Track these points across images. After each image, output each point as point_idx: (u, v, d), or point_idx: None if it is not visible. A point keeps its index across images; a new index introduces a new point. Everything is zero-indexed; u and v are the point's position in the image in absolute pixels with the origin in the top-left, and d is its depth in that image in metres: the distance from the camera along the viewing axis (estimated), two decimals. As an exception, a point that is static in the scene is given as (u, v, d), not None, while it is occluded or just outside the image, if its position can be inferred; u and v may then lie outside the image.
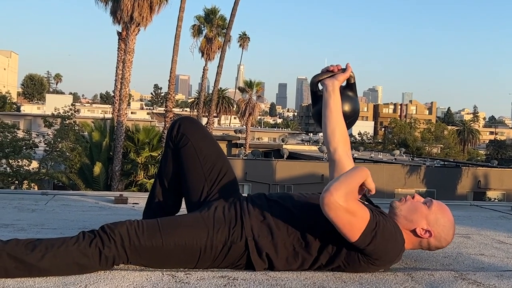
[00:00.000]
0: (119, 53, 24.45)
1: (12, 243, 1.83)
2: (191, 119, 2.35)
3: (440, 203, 2.18)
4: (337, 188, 1.89)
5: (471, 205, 4.90)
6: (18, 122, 35.03)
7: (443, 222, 2.12)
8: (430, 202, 2.15)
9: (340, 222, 1.89)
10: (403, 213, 2.11)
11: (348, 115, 2.45)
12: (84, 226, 2.92)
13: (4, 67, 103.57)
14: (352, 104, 2.47)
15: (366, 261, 1.99)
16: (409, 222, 2.10)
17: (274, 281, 1.88)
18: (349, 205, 1.88)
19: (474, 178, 27.25)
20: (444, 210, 2.15)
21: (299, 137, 60.67)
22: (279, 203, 2.10)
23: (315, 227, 2.03)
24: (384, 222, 2.00)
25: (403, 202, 2.15)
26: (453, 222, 2.17)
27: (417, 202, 2.15)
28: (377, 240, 1.94)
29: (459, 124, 68.71)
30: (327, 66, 2.44)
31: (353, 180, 1.95)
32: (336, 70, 2.42)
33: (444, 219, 2.13)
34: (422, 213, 2.11)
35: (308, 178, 24.48)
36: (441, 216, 2.12)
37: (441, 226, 2.11)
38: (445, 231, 2.12)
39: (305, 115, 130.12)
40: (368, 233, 1.92)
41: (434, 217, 2.11)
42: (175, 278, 1.86)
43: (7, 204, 3.66)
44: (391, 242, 2.00)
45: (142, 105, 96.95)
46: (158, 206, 2.35)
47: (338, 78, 2.40)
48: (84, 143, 21.65)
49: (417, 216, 2.10)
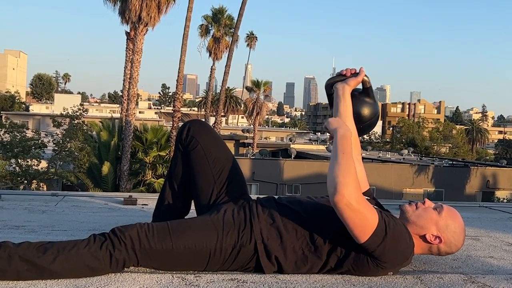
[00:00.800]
0: (127, 53, 24.50)
1: (24, 246, 1.85)
2: (200, 122, 2.36)
3: (451, 208, 2.18)
4: (345, 183, 1.88)
5: (480, 206, 4.88)
6: (27, 121, 35.20)
7: (453, 228, 2.12)
8: (441, 208, 2.14)
9: (351, 223, 1.90)
10: (413, 218, 2.11)
11: (362, 119, 2.42)
12: (94, 227, 2.93)
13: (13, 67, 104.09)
14: (368, 108, 2.41)
15: (375, 264, 1.99)
16: (419, 228, 2.10)
17: (283, 284, 1.89)
18: (359, 201, 1.89)
19: (483, 178, 27.14)
20: (455, 216, 2.15)
21: (306, 136, 60.62)
22: (288, 206, 2.11)
23: (324, 231, 2.03)
24: (394, 225, 2.00)
25: (413, 208, 2.15)
26: (463, 228, 2.16)
27: (427, 208, 2.15)
28: (386, 243, 1.94)
29: (468, 124, 68.47)
30: (342, 69, 2.43)
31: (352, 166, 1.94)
32: (348, 74, 2.39)
33: (455, 224, 2.13)
34: (432, 219, 2.11)
35: (315, 177, 24.45)
36: (452, 222, 2.12)
37: (451, 232, 2.11)
38: (455, 237, 2.12)
39: (312, 114, 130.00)
40: (377, 234, 1.93)
41: (444, 223, 2.11)
42: (185, 281, 1.88)
43: (17, 205, 3.69)
44: (401, 245, 2.00)
45: (150, 104, 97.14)
46: (167, 209, 2.36)
47: (349, 82, 2.37)
48: (92, 142, 21.73)
49: (427, 222, 2.10)
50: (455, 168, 28.92)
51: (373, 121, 2.46)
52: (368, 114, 2.42)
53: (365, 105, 2.42)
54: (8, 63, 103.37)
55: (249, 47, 52.20)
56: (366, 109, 2.41)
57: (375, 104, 2.44)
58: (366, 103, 2.42)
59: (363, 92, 2.44)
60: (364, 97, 2.43)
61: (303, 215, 2.07)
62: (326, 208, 2.10)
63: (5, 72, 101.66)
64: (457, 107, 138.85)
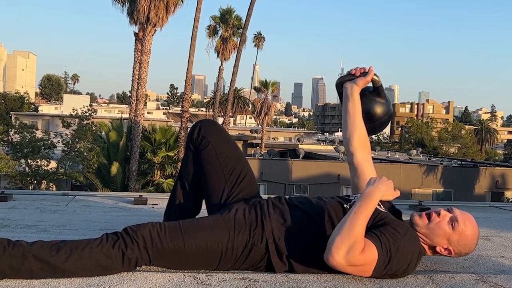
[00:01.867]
0: (136, 54, 24.59)
1: (37, 245, 1.86)
2: (211, 121, 2.37)
3: (467, 219, 2.10)
4: (338, 247, 1.86)
5: (490, 206, 4.87)
6: (36, 122, 35.37)
7: (466, 242, 2.10)
8: (456, 222, 2.07)
9: (349, 273, 1.95)
10: (423, 231, 2.09)
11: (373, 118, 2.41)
12: (105, 227, 2.95)
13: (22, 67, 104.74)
14: (379, 107, 2.40)
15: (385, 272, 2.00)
16: (429, 240, 2.10)
17: (295, 283, 1.89)
18: (352, 262, 1.87)
19: (492, 178, 26.99)
20: (470, 229, 2.09)
21: (315, 136, 60.56)
22: (299, 207, 2.12)
23: (325, 239, 2.03)
24: (397, 246, 1.95)
25: (425, 221, 2.09)
26: (477, 237, 2.13)
27: (441, 222, 2.08)
28: (392, 265, 1.95)
29: (477, 124, 68.19)
30: (351, 69, 2.42)
31: (355, 229, 1.89)
32: (357, 74, 2.38)
33: (468, 239, 2.09)
34: (445, 234, 2.08)
35: (324, 178, 24.42)
36: (464, 237, 2.08)
37: (462, 246, 2.10)
38: (466, 248, 2.12)
39: (320, 114, 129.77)
40: (380, 268, 1.94)
41: (457, 238, 2.08)
42: (196, 280, 1.88)
43: (29, 205, 3.72)
44: (405, 257, 1.99)
45: (158, 105, 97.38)
46: (178, 208, 2.37)
47: (358, 82, 2.37)
48: (101, 143, 21.81)
49: (438, 238, 2.08)
50: (464, 169, 28.79)
51: (385, 120, 2.45)
52: (380, 113, 2.41)
53: (376, 104, 2.41)
54: (17, 64, 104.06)
55: (256, 47, 52.21)
56: (377, 108, 2.41)
57: (387, 103, 2.43)
58: (376, 102, 2.42)
59: (373, 91, 2.43)
60: (374, 96, 2.43)
61: (313, 215, 2.08)
62: (336, 209, 2.10)
63: (15, 73, 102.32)
64: (466, 107, 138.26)
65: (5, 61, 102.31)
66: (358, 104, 2.37)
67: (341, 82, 2.44)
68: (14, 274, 1.80)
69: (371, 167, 2.38)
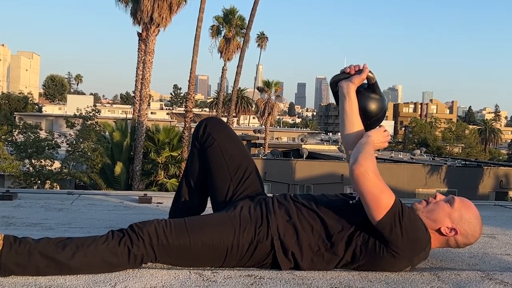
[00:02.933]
0: (139, 54, 24.60)
1: (43, 241, 1.86)
2: (217, 119, 2.37)
3: (463, 199, 2.17)
4: (366, 158, 2.00)
5: (495, 205, 4.86)
6: (40, 122, 35.37)
7: (468, 218, 2.11)
8: (452, 200, 2.13)
9: (369, 194, 1.96)
10: (425, 214, 2.11)
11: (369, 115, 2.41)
12: (110, 225, 2.96)
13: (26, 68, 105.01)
14: (374, 104, 2.39)
15: (391, 254, 1.99)
16: (432, 222, 2.09)
17: (300, 280, 1.89)
18: (378, 178, 1.97)
19: (496, 178, 26.93)
20: (468, 206, 2.14)
21: (318, 136, 60.47)
22: (304, 204, 2.12)
23: (340, 228, 2.04)
24: (410, 212, 2.02)
25: (424, 204, 2.15)
26: (478, 217, 2.14)
27: (439, 202, 2.14)
28: (402, 227, 1.95)
29: (481, 123, 68.01)
30: (345, 67, 2.41)
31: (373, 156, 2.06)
32: (352, 72, 2.34)
33: (469, 214, 2.11)
34: (445, 211, 2.10)
35: (327, 177, 24.41)
36: (465, 212, 2.11)
37: (466, 223, 2.10)
38: (471, 227, 2.11)
39: (324, 114, 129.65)
40: (393, 214, 1.95)
41: (458, 214, 2.10)
42: (202, 277, 1.89)
43: (34, 203, 3.73)
44: (417, 233, 2.01)
45: (162, 105, 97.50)
46: (184, 206, 2.38)
47: (353, 80, 2.33)
48: (105, 143, 21.84)
49: (439, 215, 2.10)
50: (468, 168, 28.73)
51: (381, 115, 2.45)
52: (375, 109, 2.40)
53: (371, 101, 2.40)
54: (21, 64, 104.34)
55: (260, 47, 52.28)
56: (372, 104, 2.39)
57: (381, 99, 2.42)
58: (371, 99, 2.40)
59: (368, 88, 2.42)
60: (369, 93, 2.41)
61: (318, 212, 2.08)
62: (341, 205, 2.11)
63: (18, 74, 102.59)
64: (469, 107, 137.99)
65: (9, 62, 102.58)
66: (355, 103, 2.34)
67: (335, 81, 2.42)
68: (21, 271, 1.81)
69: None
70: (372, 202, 1.96)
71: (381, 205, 1.95)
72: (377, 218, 1.96)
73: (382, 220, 1.95)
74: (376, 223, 1.97)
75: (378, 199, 1.96)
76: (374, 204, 1.96)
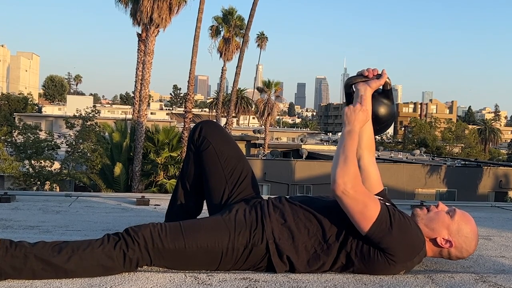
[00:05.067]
0: (139, 55, 24.63)
1: (39, 245, 1.88)
2: (212, 122, 2.38)
3: (464, 213, 2.18)
4: (340, 175, 1.98)
5: (492, 206, 4.87)
6: (40, 123, 35.42)
7: (465, 233, 2.12)
8: (454, 212, 2.15)
9: (352, 212, 1.97)
10: (424, 221, 2.13)
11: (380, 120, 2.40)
12: (107, 227, 2.97)
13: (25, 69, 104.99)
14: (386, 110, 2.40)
15: (386, 259, 2.00)
16: (430, 231, 2.11)
17: (295, 283, 1.90)
18: (358, 192, 1.97)
19: (496, 178, 26.94)
20: (468, 221, 2.15)
21: (318, 137, 60.46)
22: (300, 206, 2.13)
23: (336, 229, 2.05)
24: (400, 217, 2.03)
25: (425, 211, 2.16)
26: (476, 234, 2.16)
27: (440, 212, 2.16)
28: (393, 233, 1.97)
29: (480, 123, 67.97)
30: (363, 69, 2.39)
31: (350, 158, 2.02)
32: (370, 76, 2.34)
33: (467, 229, 2.13)
34: (444, 222, 2.12)
35: (327, 178, 24.20)
36: (464, 226, 2.12)
37: (463, 237, 2.12)
38: (467, 242, 2.13)
39: (324, 114, 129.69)
40: (381, 223, 1.96)
41: (457, 227, 2.12)
42: (197, 280, 1.90)
43: (32, 205, 3.74)
44: (409, 237, 2.02)
45: (161, 105, 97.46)
46: (180, 209, 2.39)
47: (371, 84, 2.33)
48: (105, 144, 21.85)
49: (438, 225, 2.11)
50: (467, 168, 28.72)
51: (390, 122, 2.46)
52: (386, 115, 2.41)
53: (383, 106, 2.40)
54: (21, 65, 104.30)
55: (259, 47, 52.26)
56: (384, 110, 2.40)
57: (392, 106, 2.43)
58: (384, 104, 2.41)
59: (382, 93, 2.42)
60: (383, 98, 2.42)
61: (314, 213, 2.09)
62: (338, 206, 2.11)
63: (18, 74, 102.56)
64: (469, 106, 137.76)
65: (9, 62, 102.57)
66: (370, 107, 2.36)
67: (350, 83, 2.42)
68: (16, 274, 1.82)
69: (376, 170, 2.41)
70: (356, 217, 1.98)
71: (366, 218, 1.97)
72: (365, 230, 1.98)
73: (370, 231, 1.97)
74: (365, 235, 1.99)
75: (362, 214, 1.97)
76: (358, 218, 1.97)
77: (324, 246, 2.04)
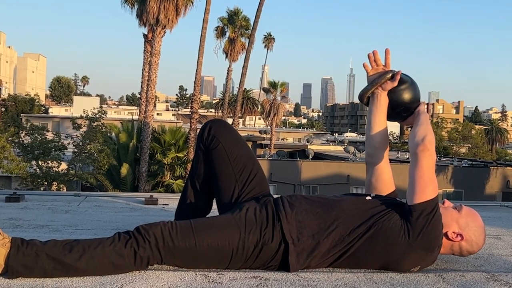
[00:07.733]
0: (145, 55, 24.65)
1: (50, 243, 1.88)
2: (221, 121, 2.39)
3: (470, 208, 2.23)
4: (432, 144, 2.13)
5: (501, 206, 4.85)
6: (46, 124, 35.47)
7: (474, 226, 2.17)
8: (460, 207, 2.21)
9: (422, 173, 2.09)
10: None
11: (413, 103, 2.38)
12: (116, 227, 2.97)
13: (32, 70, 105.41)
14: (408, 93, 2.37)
15: (406, 241, 2.02)
16: None
17: (305, 282, 1.90)
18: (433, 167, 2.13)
19: (503, 178, 26.83)
20: (474, 215, 2.20)
21: (324, 137, 60.42)
22: (311, 204, 2.12)
23: (349, 228, 2.04)
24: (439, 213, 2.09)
25: None
26: (483, 227, 2.21)
27: (447, 207, 2.21)
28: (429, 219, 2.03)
29: (487, 123, 67.61)
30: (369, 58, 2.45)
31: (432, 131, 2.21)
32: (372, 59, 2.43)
33: (475, 223, 2.18)
34: (453, 216, 2.16)
35: (333, 178, 24.37)
36: (471, 220, 2.18)
37: (472, 230, 2.16)
38: (476, 235, 2.17)
39: (329, 115, 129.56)
40: (430, 205, 2.04)
41: (465, 220, 2.16)
42: (208, 278, 1.90)
43: (41, 205, 3.75)
44: (436, 230, 2.06)
45: (167, 106, 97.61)
46: (189, 208, 2.39)
47: (385, 88, 2.35)
48: (111, 144, 21.90)
49: (447, 220, 2.14)
50: (474, 168, 28.63)
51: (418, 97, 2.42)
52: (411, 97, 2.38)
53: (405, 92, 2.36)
54: (27, 66, 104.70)
55: (266, 48, 52.25)
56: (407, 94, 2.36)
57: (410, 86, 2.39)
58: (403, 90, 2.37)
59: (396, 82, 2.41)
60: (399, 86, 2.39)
61: (327, 212, 2.08)
62: (358, 201, 2.12)
63: (25, 75, 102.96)
64: (476, 107, 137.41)
65: (16, 64, 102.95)
66: (384, 107, 2.36)
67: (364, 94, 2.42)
68: (28, 273, 1.82)
69: (389, 171, 2.44)
70: (418, 184, 2.07)
71: (425, 192, 2.06)
72: (415, 201, 2.05)
73: (417, 205, 2.04)
74: (411, 205, 2.05)
75: (425, 185, 2.07)
76: (419, 186, 2.07)
77: (338, 245, 2.04)
